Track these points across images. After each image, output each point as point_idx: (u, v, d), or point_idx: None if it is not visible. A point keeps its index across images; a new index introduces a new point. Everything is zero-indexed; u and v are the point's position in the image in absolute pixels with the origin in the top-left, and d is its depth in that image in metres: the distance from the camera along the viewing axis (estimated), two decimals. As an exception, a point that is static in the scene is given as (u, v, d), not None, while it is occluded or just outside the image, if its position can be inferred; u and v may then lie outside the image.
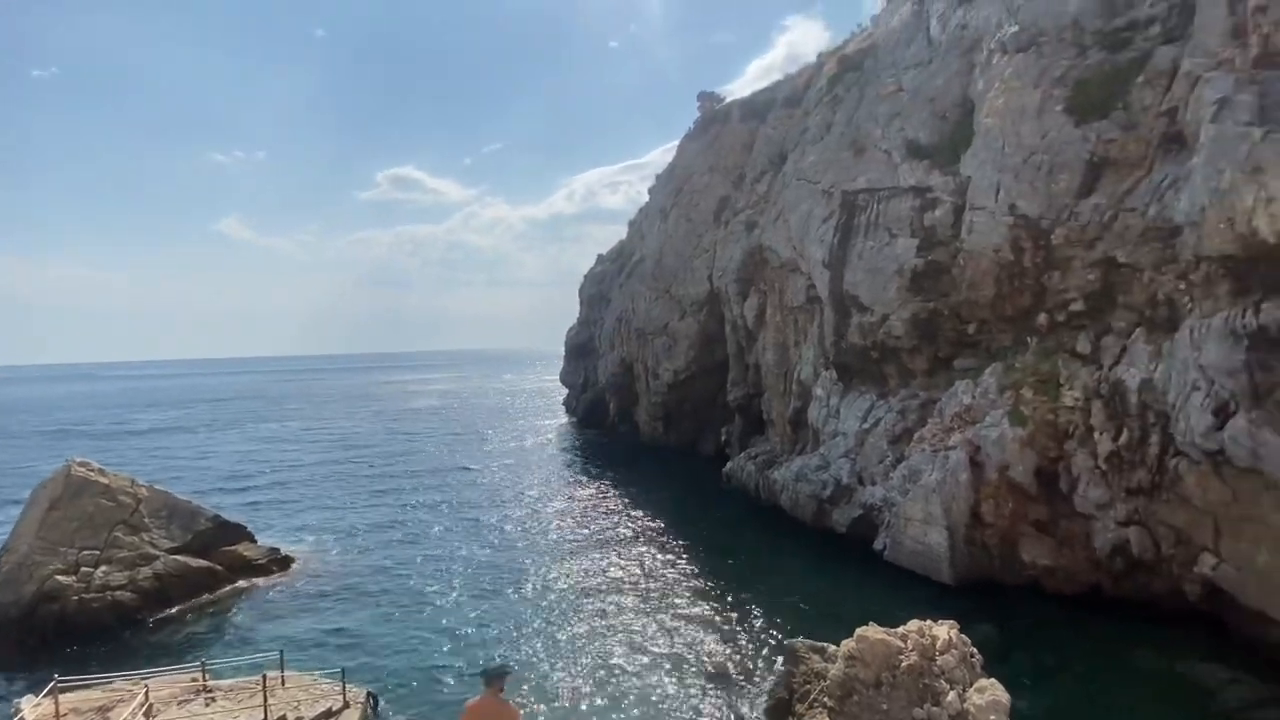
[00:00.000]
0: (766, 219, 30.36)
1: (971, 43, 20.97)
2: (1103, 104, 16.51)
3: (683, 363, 38.45)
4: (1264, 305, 12.03)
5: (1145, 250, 15.14)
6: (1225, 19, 14.36)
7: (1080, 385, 16.00)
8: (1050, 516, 16.36)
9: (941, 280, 20.26)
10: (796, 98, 32.12)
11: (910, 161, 21.96)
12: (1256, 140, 12.31)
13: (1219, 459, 12.90)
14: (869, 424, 22.55)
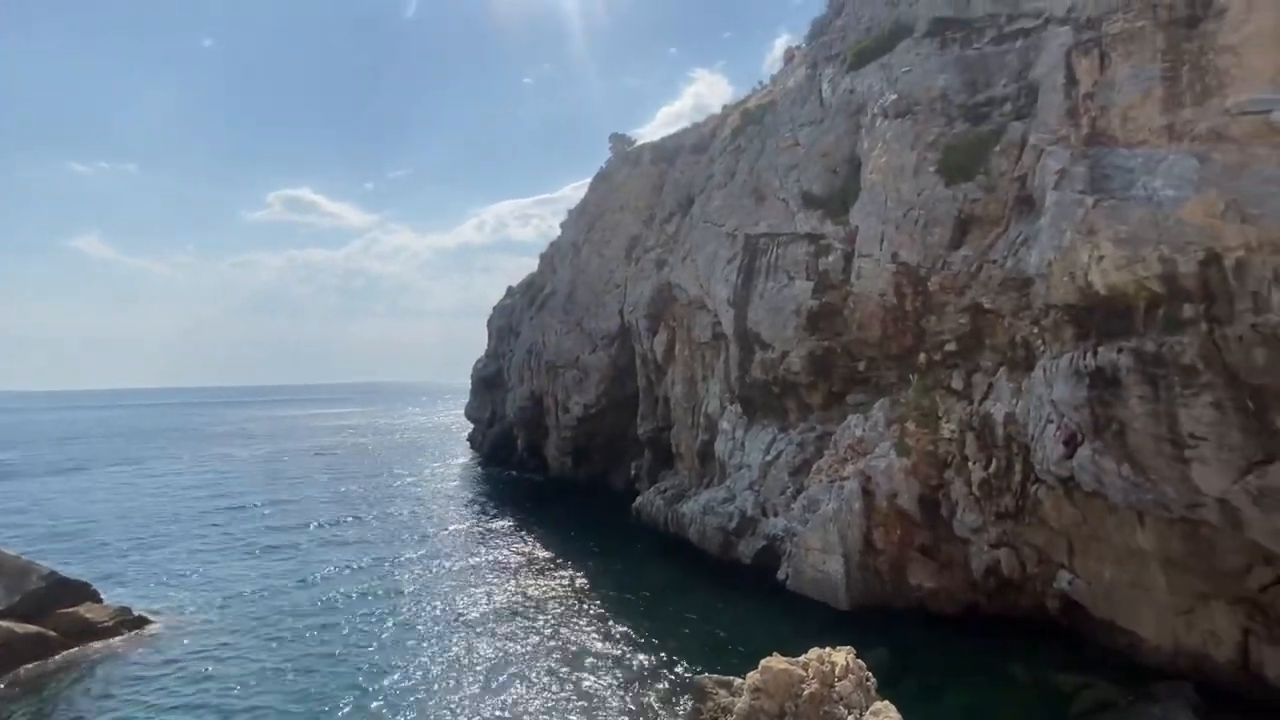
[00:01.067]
0: (675, 258, 31.37)
1: (858, 106, 23.08)
2: (968, 168, 18.62)
3: (593, 396, 38.41)
4: (1100, 348, 13.84)
5: (1005, 298, 17.03)
6: (1062, 102, 16.75)
7: (955, 419, 17.54)
8: (933, 541, 17.60)
9: (835, 321, 21.69)
10: (703, 145, 33.80)
11: (806, 210, 23.60)
12: (1089, 207, 14.32)
13: (1070, 484, 14.51)
14: (771, 456, 23.43)
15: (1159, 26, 15.08)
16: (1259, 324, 11.52)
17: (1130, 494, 13.30)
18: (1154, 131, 14.43)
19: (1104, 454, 13.62)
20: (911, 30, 22.31)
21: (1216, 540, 12.40)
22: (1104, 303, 13.92)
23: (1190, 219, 12.66)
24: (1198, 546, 12.73)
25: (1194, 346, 12.23)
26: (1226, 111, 13.23)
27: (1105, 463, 13.60)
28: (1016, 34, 19.47)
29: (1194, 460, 12.26)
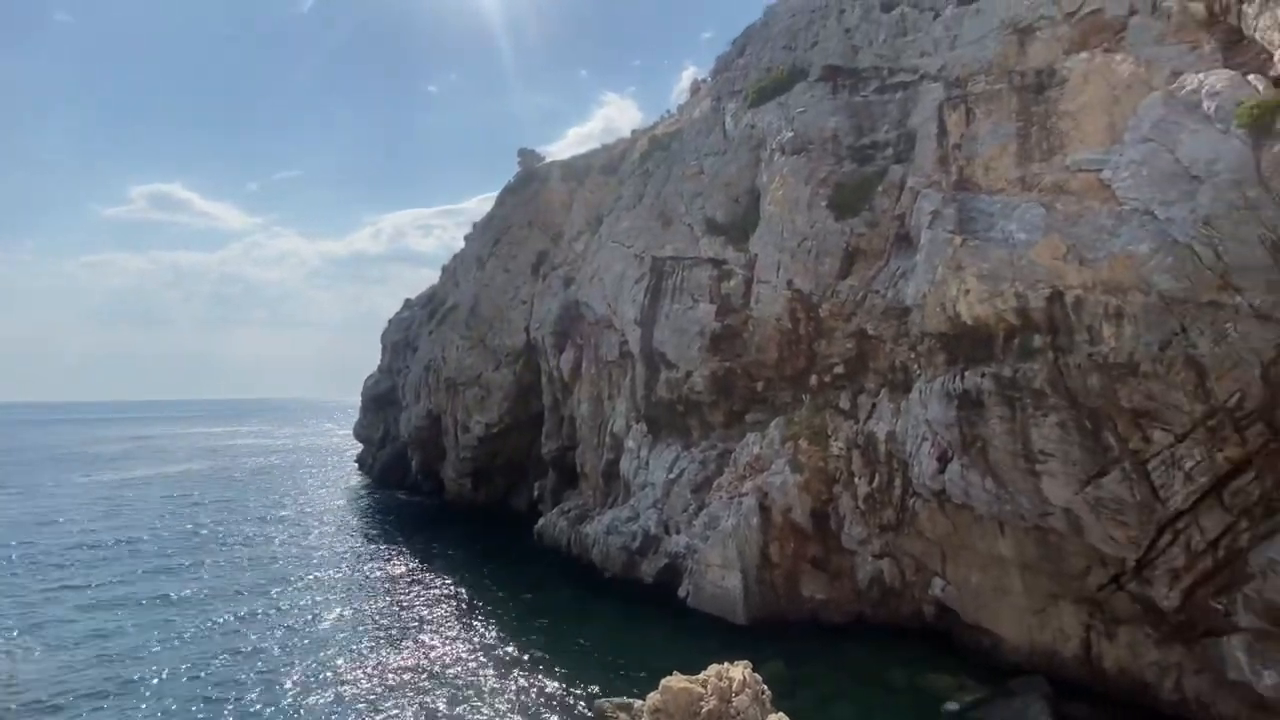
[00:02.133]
0: (583, 276, 31.37)
1: (758, 141, 24.36)
2: (855, 204, 20.10)
3: (496, 415, 37.27)
4: (966, 373, 15.26)
5: (886, 325, 18.42)
6: (935, 150, 18.56)
7: (843, 437, 18.64)
8: (824, 553, 18.49)
9: (736, 343, 22.49)
10: (612, 166, 34.28)
11: (709, 236, 24.46)
12: (957, 245, 15.87)
13: (942, 497, 15.78)
14: (675, 474, 23.74)
15: (1014, 90, 17.13)
16: (1094, 354, 13.19)
17: (993, 505, 14.66)
18: (1010, 181, 16.31)
19: (970, 469, 14.96)
20: (806, 74, 23.95)
21: (1063, 545, 13.92)
22: (970, 332, 15.40)
23: (1039, 260, 14.35)
24: (1047, 551, 14.22)
25: (1043, 372, 13.79)
26: (1067, 167, 15.21)
27: (972, 477, 14.93)
28: (897, 86, 21.42)
29: (1044, 474, 13.74)
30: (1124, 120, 14.66)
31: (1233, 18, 14.69)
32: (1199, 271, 12.17)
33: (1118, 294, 13.06)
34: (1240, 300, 11.72)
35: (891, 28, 23.21)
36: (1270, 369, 11.33)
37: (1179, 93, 13.95)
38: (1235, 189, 12.21)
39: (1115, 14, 16.84)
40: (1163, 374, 12.27)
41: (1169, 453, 12.24)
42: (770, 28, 27.78)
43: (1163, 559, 12.46)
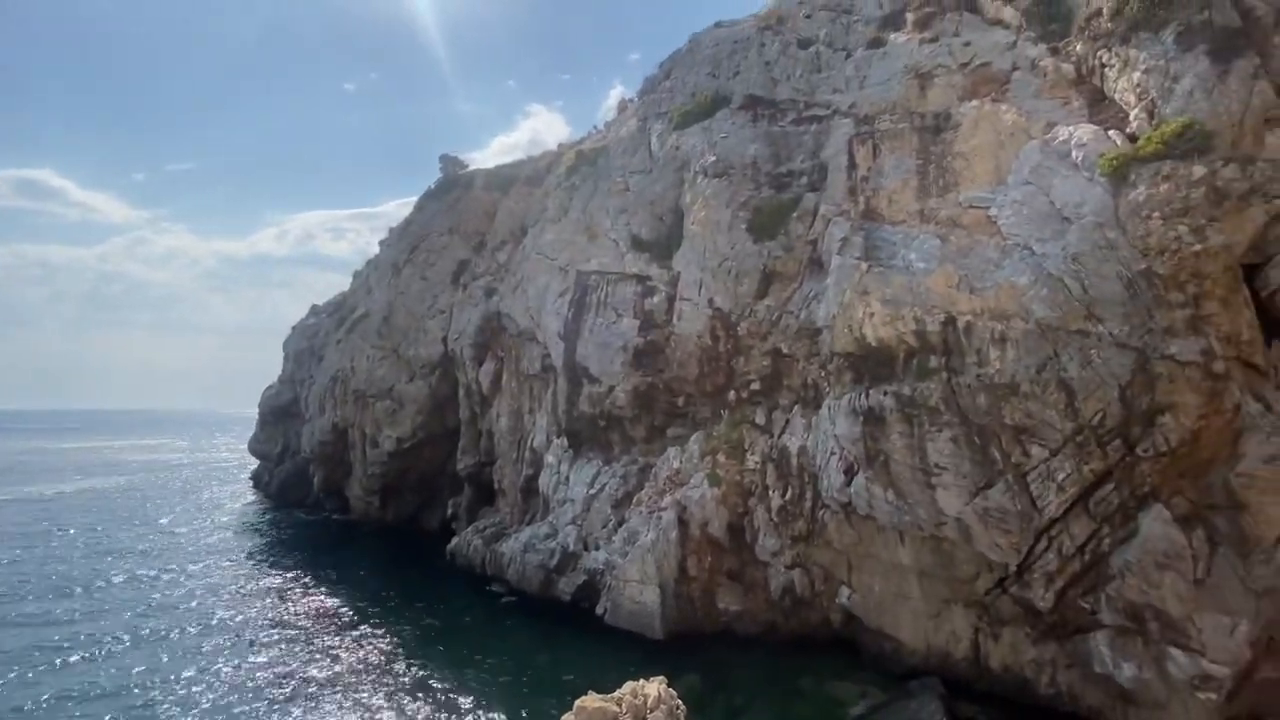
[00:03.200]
0: (506, 287, 30.82)
1: (682, 162, 24.99)
2: (772, 228, 20.97)
3: (409, 429, 35.68)
4: (871, 391, 16.17)
5: (800, 344, 19.25)
6: (845, 181, 19.73)
7: (759, 451, 19.21)
8: (739, 566, 18.89)
9: (658, 358, 22.77)
10: (538, 178, 34.04)
11: (634, 252, 24.74)
12: (864, 271, 16.88)
13: (849, 509, 16.56)
14: (595, 489, 23.58)
15: (915, 130, 18.54)
16: (981, 375, 14.35)
17: (894, 515, 15.54)
18: (910, 214, 17.57)
19: (874, 481, 15.81)
20: (729, 101, 24.89)
21: (955, 553, 14.93)
22: (874, 352, 16.37)
23: (935, 288, 15.51)
24: (942, 559, 15.21)
25: (938, 391, 14.84)
26: (959, 204, 16.58)
27: (875, 489, 15.78)
28: (812, 119, 22.66)
29: (938, 486, 14.74)
30: (1008, 164, 16.20)
31: (1096, 79, 16.64)
32: (1069, 302, 13.56)
33: (1002, 321, 14.31)
34: (1102, 329, 13.14)
35: (808, 64, 24.59)
36: (1126, 391, 12.75)
37: (1053, 142, 15.59)
38: (1098, 230, 13.74)
39: (1001, 68, 18.65)
40: (1039, 394, 13.52)
41: (1044, 466, 13.46)
42: (695, 55, 28.70)
43: (1039, 563, 13.62)
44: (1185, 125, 13.67)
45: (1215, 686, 11.51)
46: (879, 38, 23.00)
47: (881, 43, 22.71)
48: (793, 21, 26.60)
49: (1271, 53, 14.57)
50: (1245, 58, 14.09)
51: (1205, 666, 11.61)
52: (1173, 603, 12.04)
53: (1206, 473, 12.42)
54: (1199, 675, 11.63)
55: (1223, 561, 12.00)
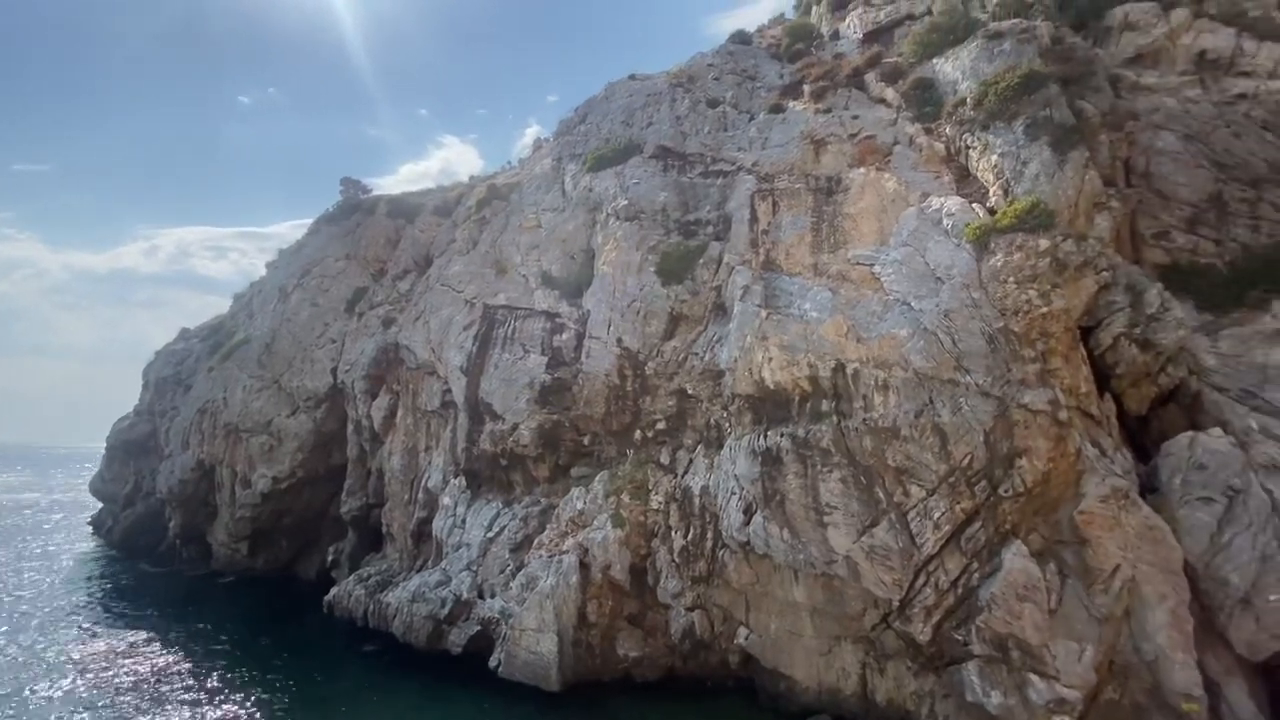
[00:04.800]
0: (406, 318, 29.52)
1: (595, 204, 25.43)
2: (680, 273, 21.65)
3: (287, 467, 32.67)
4: (769, 432, 16.81)
5: (704, 385, 19.76)
6: (747, 233, 20.85)
7: (663, 491, 19.29)
8: (640, 609, 18.61)
9: (565, 396, 22.50)
10: (447, 209, 33.35)
11: (544, 289, 24.61)
12: (763, 318, 17.75)
13: (747, 548, 16.89)
14: (494, 532, 22.57)
15: (810, 190, 20.03)
16: (867, 418, 15.35)
17: (789, 554, 16.02)
18: (805, 267, 18.80)
19: (771, 520, 16.28)
20: (641, 150, 25.79)
21: (844, 590, 15.56)
22: (772, 395, 17.11)
23: (827, 336, 16.56)
24: (832, 596, 15.79)
25: (829, 434, 15.68)
26: (848, 260, 17.96)
27: (772, 528, 16.24)
28: (719, 172, 23.93)
29: (829, 525, 15.41)
30: (890, 227, 17.85)
31: (963, 158, 18.87)
32: (941, 354, 14.93)
33: (885, 369, 15.47)
34: (970, 379, 14.54)
35: (715, 122, 26.12)
36: (990, 436, 14.08)
37: (927, 210, 17.39)
38: (965, 290, 15.34)
39: (884, 141, 20.70)
40: (917, 438, 14.63)
41: (922, 505, 14.48)
42: (610, 102, 29.67)
43: (919, 598, 14.48)
44: (1033, 204, 15.75)
45: (1068, 710, 12.59)
46: (779, 104, 24.93)
47: (781, 109, 24.62)
48: (702, 81, 28.30)
49: (1099, 148, 17.24)
50: (1079, 150, 16.57)
51: (1059, 691, 12.69)
52: (1031, 632, 13.15)
53: (1055, 511, 13.87)
54: (1054, 699, 12.68)
55: (1071, 592, 13.33)
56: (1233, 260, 16.27)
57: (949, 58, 21.22)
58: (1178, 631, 12.67)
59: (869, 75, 23.92)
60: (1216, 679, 12.72)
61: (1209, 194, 17.00)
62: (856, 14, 28.00)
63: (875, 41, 26.10)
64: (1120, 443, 14.81)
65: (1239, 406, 14.43)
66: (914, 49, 23.00)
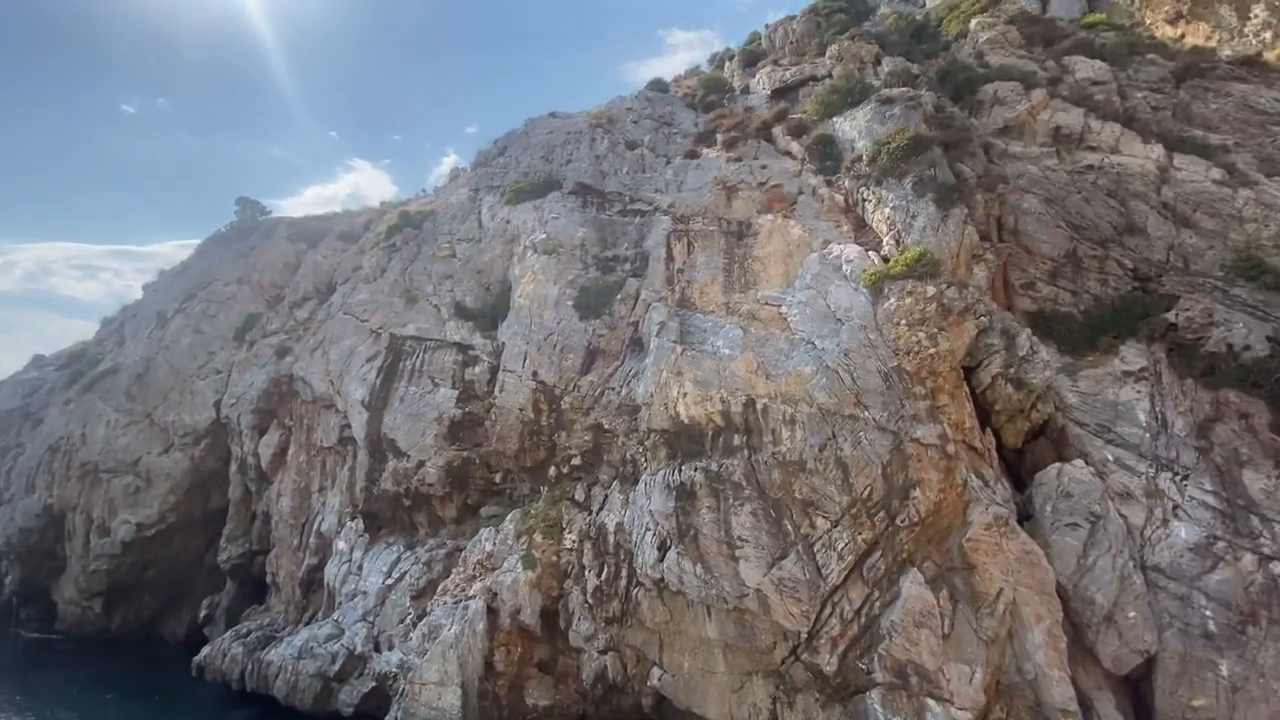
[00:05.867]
0: (304, 347, 27.66)
1: (513, 236, 25.22)
2: (597, 308, 21.72)
3: (156, 511, 29.24)
4: (683, 467, 16.91)
5: (620, 420, 19.69)
6: (664, 271, 21.31)
7: (577, 529, 18.82)
8: (551, 655, 17.84)
9: (476, 431, 21.70)
10: (354, 235, 31.97)
11: (457, 320, 23.90)
12: (679, 354, 18.05)
13: (662, 585, 16.69)
14: (394, 578, 21.09)
15: (722, 233, 20.85)
16: (776, 452, 15.80)
17: (702, 590, 15.97)
18: (718, 305, 19.39)
19: (684, 556, 16.23)
20: (560, 186, 26.00)
21: (755, 624, 15.65)
22: (687, 430, 17.29)
23: (738, 372, 17.04)
24: (744, 630, 15.83)
25: (740, 467, 15.98)
26: (758, 300, 18.72)
27: (685, 564, 16.18)
28: (637, 212, 24.48)
29: (741, 559, 15.56)
30: (795, 270, 18.82)
31: (859, 209, 20.34)
32: (843, 390, 15.71)
33: (792, 404, 16.06)
34: (868, 415, 15.35)
35: (633, 164, 26.83)
36: (887, 468, 14.86)
37: (829, 256, 18.51)
38: (863, 331, 16.33)
39: (790, 190, 22.00)
40: (821, 470, 15.20)
41: (827, 536, 14.95)
42: (530, 137, 29.85)
43: (825, 629, 14.80)
44: (921, 253, 17.15)
45: (961, 731, 13.13)
46: (694, 151, 26.03)
47: (696, 155, 25.69)
48: (621, 124, 29.11)
49: (975, 206, 19.12)
50: (959, 207, 18.30)
51: (954, 714, 13.25)
52: (928, 657, 13.72)
53: (946, 539, 14.73)
54: (949, 722, 13.21)
55: (961, 616, 14.09)
56: (1087, 309, 18.37)
57: (847, 117, 23.05)
58: (1054, 650, 13.65)
59: (776, 129, 25.52)
60: (1088, 693, 13.76)
61: (1066, 251, 19.22)
62: (765, 72, 29.97)
63: (782, 98, 27.97)
64: (1000, 474, 16.05)
65: (1097, 440, 16.09)
66: (816, 108, 24.83)
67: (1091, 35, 26.28)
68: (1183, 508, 14.62)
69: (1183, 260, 18.41)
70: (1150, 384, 16.30)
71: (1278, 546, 13.66)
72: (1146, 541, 14.54)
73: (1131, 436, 15.75)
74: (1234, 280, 17.23)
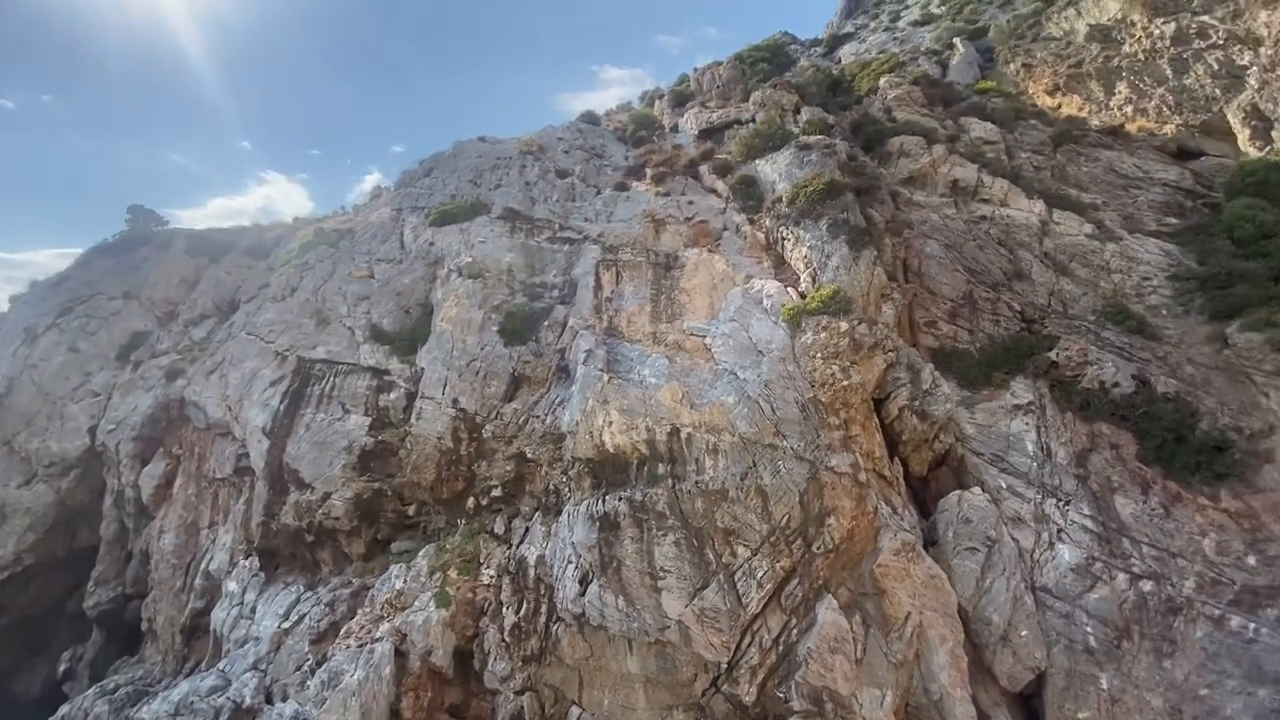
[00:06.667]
0: (199, 369, 25.56)
1: (436, 259, 24.57)
2: (523, 334, 21.40)
3: (11, 552, 25.82)
4: (607, 496, 16.71)
5: (544, 449, 19.29)
6: (592, 299, 21.34)
7: (495, 563, 18.11)
8: (464, 698, 16.88)
9: (389, 461, 20.62)
10: (263, 249, 30.15)
11: (373, 343, 22.84)
12: (605, 382, 17.99)
13: (582, 620, 16.26)
14: (291, 621, 19.43)
15: (650, 264, 21.18)
16: (699, 481, 15.92)
17: (624, 623, 15.68)
18: (645, 335, 19.58)
19: (607, 589, 15.92)
20: (489, 210, 25.70)
21: (676, 657, 15.48)
22: (611, 459, 17.15)
23: (663, 401, 17.16)
24: (665, 664, 15.62)
25: (664, 497, 15.97)
26: (683, 331, 19.04)
27: (607, 597, 15.87)
28: (566, 239, 24.49)
29: (663, 590, 15.43)
30: (719, 303, 19.34)
31: (779, 247, 21.24)
32: (763, 420, 16.13)
33: (715, 433, 16.31)
34: (786, 444, 15.80)
35: (564, 192, 26.96)
36: (804, 497, 15.28)
37: (751, 290, 19.16)
38: (782, 364, 16.90)
39: (715, 226, 22.73)
40: (743, 499, 15.43)
41: (747, 564, 15.12)
42: (459, 160, 29.44)
43: (745, 659, 14.85)
44: (835, 291, 18.06)
45: (873, 756, 13.42)
46: (624, 183, 26.52)
47: (626, 187, 26.17)
48: (553, 152, 29.29)
49: (884, 248, 20.40)
50: (869, 249, 19.46)
51: (866, 739, 13.53)
52: (842, 683, 14.02)
53: (858, 565, 15.25)
54: (862, 748, 13.47)
55: (873, 641, 14.54)
56: (982, 347, 19.89)
57: (769, 160, 24.24)
58: (956, 670, 14.30)
59: (703, 167, 26.47)
60: (987, 710, 14.46)
61: (964, 293, 20.83)
62: (693, 113, 31.16)
63: (709, 139, 29.12)
64: (907, 501, 16.88)
65: (992, 468, 17.28)
66: (740, 150, 25.98)
67: (984, 100, 29.13)
68: (1066, 531, 15.86)
69: (1062, 305, 20.35)
70: (1037, 416, 17.75)
71: (1146, 566, 15.03)
72: (1036, 563, 15.63)
73: (1021, 465, 17.02)
74: (1104, 324, 19.20)
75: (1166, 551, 14.91)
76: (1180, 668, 13.78)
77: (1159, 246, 21.06)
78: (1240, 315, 17.54)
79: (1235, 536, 14.68)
